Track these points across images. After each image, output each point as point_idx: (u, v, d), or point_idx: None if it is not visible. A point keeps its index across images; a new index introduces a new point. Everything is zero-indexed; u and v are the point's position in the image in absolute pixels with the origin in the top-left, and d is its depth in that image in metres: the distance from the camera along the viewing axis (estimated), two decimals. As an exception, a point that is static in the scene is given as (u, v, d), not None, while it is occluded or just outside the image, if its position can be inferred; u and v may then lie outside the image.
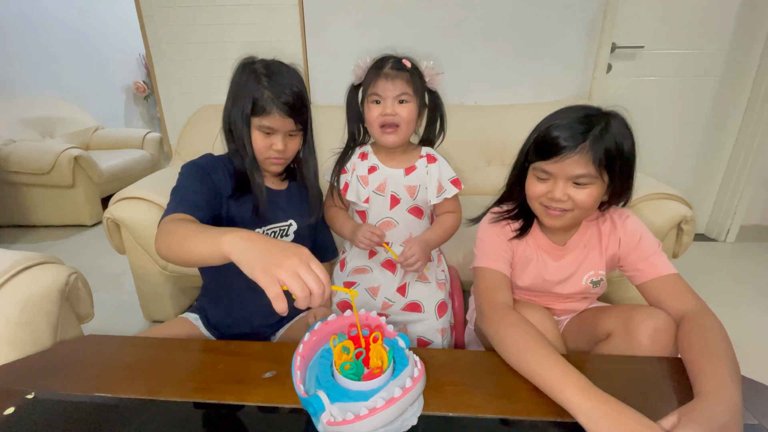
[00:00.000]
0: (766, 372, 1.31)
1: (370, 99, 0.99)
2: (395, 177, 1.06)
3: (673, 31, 1.94)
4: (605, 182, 0.75)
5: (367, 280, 1.07)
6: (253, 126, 0.84)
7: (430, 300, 1.03)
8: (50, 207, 2.51)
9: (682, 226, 1.30)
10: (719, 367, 0.58)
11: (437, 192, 1.05)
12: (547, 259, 0.88)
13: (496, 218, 0.89)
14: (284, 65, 0.88)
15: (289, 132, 0.87)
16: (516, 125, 0.90)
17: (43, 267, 0.84)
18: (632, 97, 2.04)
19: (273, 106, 0.82)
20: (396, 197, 1.06)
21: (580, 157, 0.72)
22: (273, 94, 0.81)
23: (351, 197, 1.07)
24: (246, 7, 1.89)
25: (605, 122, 0.72)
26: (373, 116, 0.99)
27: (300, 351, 0.59)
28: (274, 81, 0.82)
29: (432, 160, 1.07)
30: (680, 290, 0.76)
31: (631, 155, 0.75)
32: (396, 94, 0.96)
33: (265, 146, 0.86)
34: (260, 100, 0.81)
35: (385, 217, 1.07)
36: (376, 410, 0.50)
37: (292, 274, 0.50)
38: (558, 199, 0.76)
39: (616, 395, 0.55)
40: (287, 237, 0.95)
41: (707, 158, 2.20)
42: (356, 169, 1.08)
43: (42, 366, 0.71)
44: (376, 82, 0.97)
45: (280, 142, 0.85)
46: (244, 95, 0.82)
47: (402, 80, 0.96)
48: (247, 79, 0.83)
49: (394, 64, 0.98)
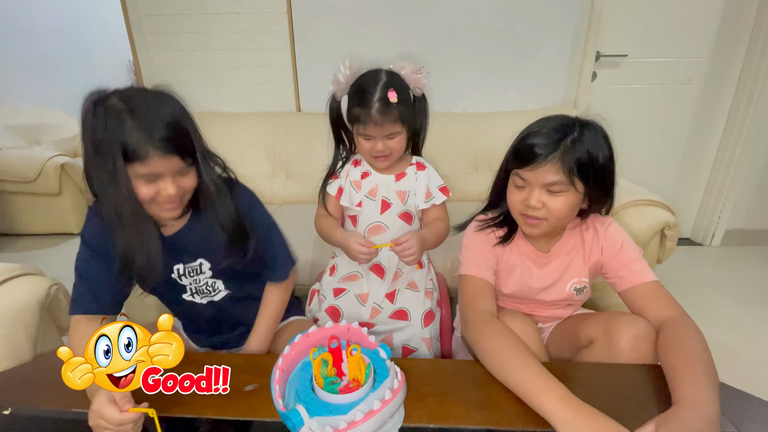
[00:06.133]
0: (749, 375, 1.33)
1: (358, 131, 0.99)
2: (386, 182, 1.08)
3: (656, 39, 1.98)
4: (579, 191, 0.76)
5: (356, 287, 1.08)
6: (132, 175, 0.66)
7: (417, 308, 1.04)
8: (36, 215, 2.48)
9: (665, 232, 1.31)
10: (697, 375, 0.59)
11: (425, 198, 1.07)
12: (531, 266, 0.89)
13: (481, 226, 0.90)
14: (146, 90, 0.70)
15: (178, 171, 0.70)
16: (503, 132, 0.90)
17: (22, 279, 0.84)
18: (617, 105, 2.07)
19: (148, 147, 0.64)
20: (387, 202, 1.08)
21: (552, 165, 0.73)
22: (144, 133, 0.64)
23: (345, 202, 1.08)
24: (234, 14, 1.89)
25: (579, 131, 0.74)
26: (363, 148, 1.01)
27: (279, 365, 0.58)
28: (139, 115, 0.64)
29: (421, 168, 1.09)
30: (660, 298, 0.77)
31: (606, 164, 0.76)
32: (386, 134, 0.97)
33: (152, 194, 0.68)
34: (130, 143, 0.63)
35: (375, 221, 1.08)
36: (354, 423, 0.50)
37: None
38: (533, 206, 0.77)
39: (597, 403, 0.56)
40: (203, 275, 0.84)
41: (692, 164, 2.23)
42: (350, 174, 1.09)
43: (20, 380, 0.70)
44: (365, 125, 0.96)
45: (169, 185, 0.68)
46: (107, 143, 0.64)
47: (390, 121, 0.95)
48: (105, 121, 0.64)
49: (380, 106, 0.93)
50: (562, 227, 0.85)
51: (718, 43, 1.99)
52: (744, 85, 2.03)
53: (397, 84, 0.96)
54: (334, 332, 0.66)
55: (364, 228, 1.08)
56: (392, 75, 0.97)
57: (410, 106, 1.00)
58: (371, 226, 1.08)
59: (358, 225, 1.10)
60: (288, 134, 1.90)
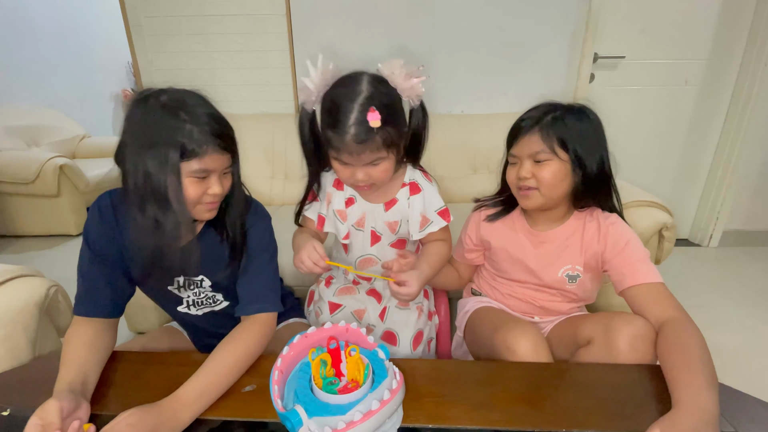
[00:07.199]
0: (747, 376, 1.34)
1: (332, 156, 0.81)
2: (374, 212, 0.93)
3: (654, 41, 1.99)
4: (564, 160, 0.83)
5: (353, 303, 1.00)
6: (183, 173, 0.66)
7: (406, 330, 0.95)
8: (35, 217, 2.47)
9: (663, 233, 1.32)
10: (697, 377, 0.60)
11: (420, 226, 0.92)
12: (526, 244, 0.93)
13: (478, 205, 1.03)
14: (189, 91, 0.70)
15: (224, 170, 0.72)
16: (501, 134, 0.92)
17: (21, 280, 0.84)
18: (615, 106, 2.08)
19: (205, 143, 0.65)
20: (377, 234, 0.95)
21: (532, 135, 0.83)
22: (201, 129, 0.65)
23: (329, 229, 0.97)
24: (233, 16, 1.90)
25: (563, 112, 0.84)
26: (341, 175, 0.84)
27: (278, 365, 0.59)
28: (196, 113, 0.65)
29: (416, 191, 0.91)
30: (663, 299, 0.77)
31: (592, 137, 0.83)
32: (365, 162, 0.78)
33: (199, 193, 0.68)
34: (188, 140, 0.64)
35: (366, 254, 0.98)
36: (353, 424, 0.50)
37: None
38: (523, 177, 0.85)
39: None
40: (201, 288, 0.83)
41: (689, 165, 2.24)
42: (332, 201, 0.94)
43: (19, 382, 0.70)
44: (340, 151, 0.77)
45: (216, 184, 0.69)
46: (164, 139, 0.63)
47: (370, 150, 0.76)
48: (160, 117, 0.64)
49: (357, 132, 0.73)
50: (556, 201, 0.88)
51: (715, 44, 2.00)
52: (741, 86, 2.04)
53: (382, 98, 0.76)
54: (333, 333, 0.66)
55: (355, 259, 0.99)
56: (376, 85, 0.77)
57: (400, 124, 0.80)
58: (362, 258, 0.99)
59: (350, 255, 0.99)
60: (287, 136, 1.90)
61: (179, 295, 0.82)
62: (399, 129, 0.79)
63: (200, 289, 0.82)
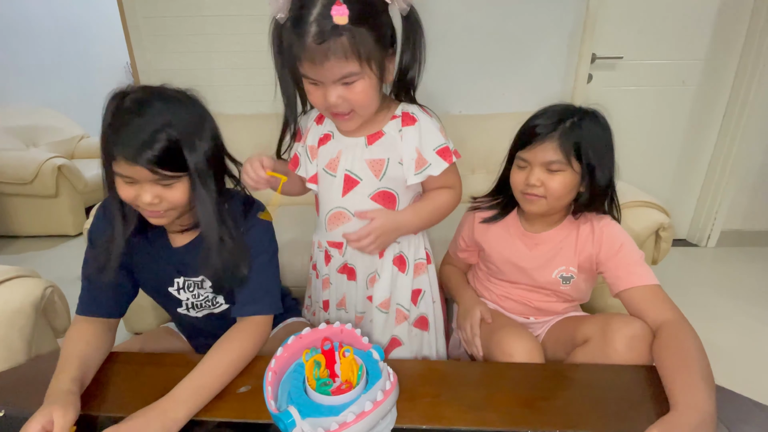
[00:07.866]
0: (745, 375, 1.34)
1: (302, 73, 0.68)
2: (352, 148, 0.76)
3: (651, 41, 1.99)
4: (576, 171, 0.80)
5: (333, 294, 0.91)
6: (116, 173, 0.65)
7: (380, 338, 0.86)
8: (33, 217, 2.47)
9: (660, 233, 1.32)
10: (694, 379, 0.60)
11: (416, 167, 0.73)
12: (520, 246, 0.93)
13: (474, 206, 1.01)
14: (163, 93, 0.68)
15: (154, 181, 0.65)
16: (499, 134, 0.92)
17: (17, 281, 0.84)
18: (612, 106, 2.03)
19: (118, 149, 0.62)
20: (352, 178, 0.76)
21: (550, 143, 0.79)
22: (121, 136, 0.63)
23: (301, 173, 0.83)
24: (232, 17, 1.89)
25: (579, 117, 0.80)
26: (313, 100, 0.71)
27: (272, 366, 0.59)
28: (128, 118, 0.63)
29: (409, 122, 0.74)
30: (659, 301, 0.77)
31: (603, 151, 0.81)
32: (335, 78, 0.64)
33: (131, 197, 0.66)
34: (110, 143, 0.63)
35: (335, 207, 0.80)
36: (346, 425, 0.50)
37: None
38: (532, 184, 0.82)
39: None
40: (202, 290, 0.81)
41: (687, 165, 2.24)
42: (309, 135, 0.81)
43: (14, 383, 0.70)
44: (302, 60, 0.64)
45: (146, 193, 0.65)
46: (104, 137, 0.64)
47: (336, 57, 0.61)
48: (110, 118, 0.64)
49: (318, 31, 0.60)
50: (559, 209, 0.88)
51: (712, 44, 2.01)
52: (739, 86, 2.04)
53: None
54: (327, 334, 0.66)
55: (324, 215, 0.82)
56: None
57: (379, 30, 0.64)
58: (332, 213, 0.80)
59: (320, 209, 0.82)
60: (285, 136, 1.90)
61: (178, 297, 0.82)
62: (378, 36, 0.64)
63: (200, 290, 0.82)
